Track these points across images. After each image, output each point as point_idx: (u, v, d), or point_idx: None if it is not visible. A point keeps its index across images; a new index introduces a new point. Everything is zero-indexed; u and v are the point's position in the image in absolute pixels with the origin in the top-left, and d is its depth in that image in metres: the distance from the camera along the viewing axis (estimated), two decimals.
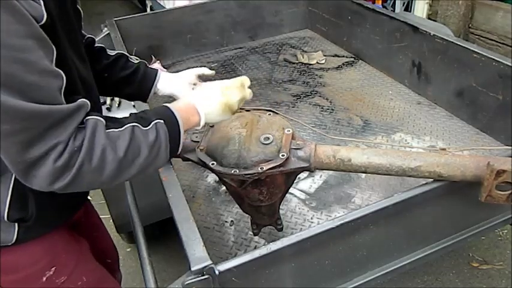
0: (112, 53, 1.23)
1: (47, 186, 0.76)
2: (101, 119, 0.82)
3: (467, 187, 1.04)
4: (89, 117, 0.80)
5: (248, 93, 1.04)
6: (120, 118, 0.88)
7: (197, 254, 0.85)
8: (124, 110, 1.93)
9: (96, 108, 1.01)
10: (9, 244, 0.93)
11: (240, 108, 1.13)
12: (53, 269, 1.03)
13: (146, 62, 1.28)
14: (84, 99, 0.81)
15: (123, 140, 0.82)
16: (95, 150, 0.78)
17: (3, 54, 0.65)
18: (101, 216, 1.47)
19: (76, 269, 1.09)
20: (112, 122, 0.84)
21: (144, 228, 1.26)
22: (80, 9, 0.99)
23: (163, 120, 0.89)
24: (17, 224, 0.92)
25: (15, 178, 0.87)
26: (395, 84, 2.22)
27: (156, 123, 0.88)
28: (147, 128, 0.87)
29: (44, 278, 1.02)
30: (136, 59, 1.27)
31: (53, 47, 0.76)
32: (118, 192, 1.59)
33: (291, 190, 1.54)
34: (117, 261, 1.52)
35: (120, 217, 1.80)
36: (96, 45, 1.20)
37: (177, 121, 0.92)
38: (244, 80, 1.04)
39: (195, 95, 1.02)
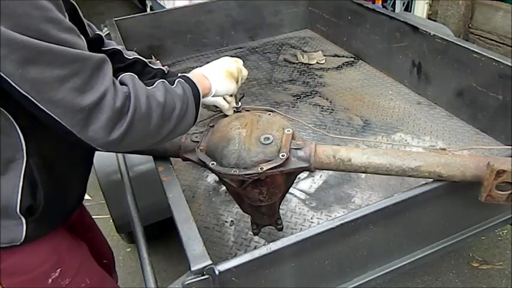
0: (130, 56, 1.19)
1: (105, 136, 0.78)
2: (134, 74, 0.87)
3: (467, 187, 1.04)
4: (122, 73, 0.85)
5: (241, 64, 1.15)
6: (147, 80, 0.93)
7: (197, 254, 0.85)
8: None
9: None
10: (18, 243, 0.93)
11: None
12: (58, 270, 1.02)
13: (165, 69, 1.24)
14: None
15: (159, 91, 0.88)
16: (140, 97, 0.82)
17: (37, 15, 0.69)
18: (101, 216, 1.48)
19: (80, 271, 1.09)
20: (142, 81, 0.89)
21: (144, 228, 1.25)
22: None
23: (184, 80, 0.97)
24: (25, 219, 0.91)
25: (26, 164, 0.87)
26: (395, 84, 2.22)
27: (179, 81, 0.95)
28: (174, 85, 0.93)
29: (50, 280, 1.01)
30: (156, 65, 1.23)
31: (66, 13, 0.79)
32: (118, 192, 1.59)
33: (291, 190, 1.54)
34: (113, 261, 1.51)
35: (120, 217, 1.80)
36: (110, 47, 1.14)
37: (194, 82, 0.99)
38: (235, 59, 1.16)
39: (197, 69, 1.09)
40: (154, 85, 0.89)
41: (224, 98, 1.13)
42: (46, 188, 0.91)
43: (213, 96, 1.08)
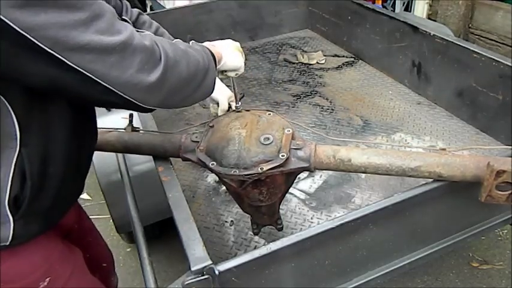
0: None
1: (145, 78, 0.76)
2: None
3: (467, 187, 1.04)
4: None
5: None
6: None
7: (197, 254, 0.85)
8: (124, 109, 1.92)
9: (89, 114, 1.01)
10: (7, 243, 0.90)
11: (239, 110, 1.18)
12: (48, 279, 0.99)
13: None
14: None
15: (180, 44, 0.89)
16: (164, 44, 0.82)
17: None
18: (101, 217, 1.47)
19: (70, 281, 1.05)
20: None
21: (144, 228, 1.25)
22: None
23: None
24: (12, 215, 0.87)
25: (18, 154, 0.83)
26: (395, 84, 2.22)
27: (192, 42, 0.96)
28: (190, 44, 0.94)
29: None
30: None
31: None
32: (118, 192, 1.59)
33: (291, 190, 1.54)
34: (113, 264, 1.49)
35: (120, 217, 1.80)
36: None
37: (205, 46, 1.00)
38: None
39: (205, 43, 1.09)
40: (173, 41, 0.90)
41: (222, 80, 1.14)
42: (34, 180, 0.87)
43: (222, 68, 1.09)
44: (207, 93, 0.97)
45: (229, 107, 1.24)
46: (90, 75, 0.71)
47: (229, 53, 1.10)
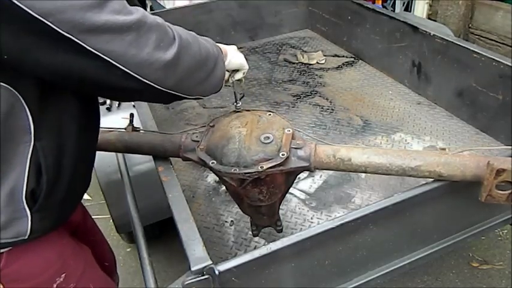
0: None
1: (162, 55, 0.78)
2: None
3: (467, 187, 1.04)
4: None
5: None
6: None
7: (197, 254, 0.85)
8: (124, 109, 1.93)
9: (93, 108, 1.01)
10: (26, 238, 0.90)
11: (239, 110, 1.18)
12: (63, 275, 1.00)
13: None
14: None
15: (186, 31, 0.90)
16: (176, 27, 0.84)
17: None
18: (101, 216, 1.47)
19: (83, 276, 1.07)
20: None
21: (144, 228, 1.26)
22: None
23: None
24: (29, 209, 0.88)
25: (33, 148, 0.84)
26: (395, 84, 2.22)
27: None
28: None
29: (55, 285, 0.99)
30: None
31: None
32: (118, 192, 1.59)
33: (291, 190, 1.54)
34: (115, 264, 1.50)
35: (120, 217, 1.80)
36: None
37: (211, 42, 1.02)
38: None
39: None
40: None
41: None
42: (50, 174, 0.89)
43: (227, 66, 1.09)
44: (217, 84, 0.99)
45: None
46: (107, 58, 0.72)
47: (233, 52, 1.11)
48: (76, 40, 0.68)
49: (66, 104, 0.88)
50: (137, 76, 0.76)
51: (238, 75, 1.14)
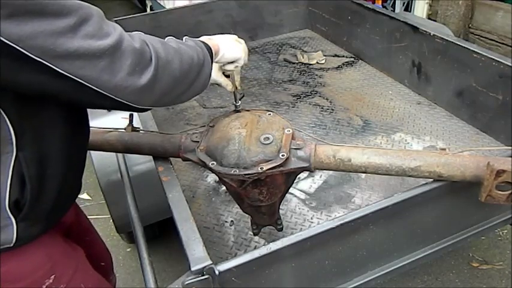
0: None
1: (136, 81, 0.76)
2: None
3: (467, 187, 1.04)
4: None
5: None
6: None
7: (197, 254, 0.85)
8: (120, 111, 1.92)
9: (80, 113, 1.00)
10: (11, 245, 0.91)
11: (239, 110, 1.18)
12: (52, 277, 1.00)
13: None
14: None
15: (171, 42, 0.90)
16: (155, 43, 0.82)
17: None
18: (101, 216, 1.47)
19: (74, 276, 1.06)
20: None
21: (144, 228, 1.26)
22: None
23: (191, 38, 0.99)
24: (14, 218, 0.88)
25: (15, 158, 0.84)
26: (395, 84, 2.22)
27: (186, 38, 0.97)
28: (183, 41, 0.95)
29: (44, 287, 0.99)
30: None
31: None
32: (118, 192, 1.59)
33: (291, 190, 1.54)
34: (111, 264, 1.50)
35: (120, 217, 1.80)
36: None
37: (202, 40, 1.00)
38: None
39: (203, 37, 1.08)
40: (164, 39, 0.90)
41: (225, 74, 1.14)
42: (33, 184, 0.88)
43: (221, 60, 1.08)
44: (202, 87, 0.98)
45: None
46: (81, 81, 0.71)
47: (228, 44, 1.09)
48: (48, 64, 0.67)
49: (48, 113, 0.86)
50: (112, 96, 0.76)
51: (230, 67, 1.13)
